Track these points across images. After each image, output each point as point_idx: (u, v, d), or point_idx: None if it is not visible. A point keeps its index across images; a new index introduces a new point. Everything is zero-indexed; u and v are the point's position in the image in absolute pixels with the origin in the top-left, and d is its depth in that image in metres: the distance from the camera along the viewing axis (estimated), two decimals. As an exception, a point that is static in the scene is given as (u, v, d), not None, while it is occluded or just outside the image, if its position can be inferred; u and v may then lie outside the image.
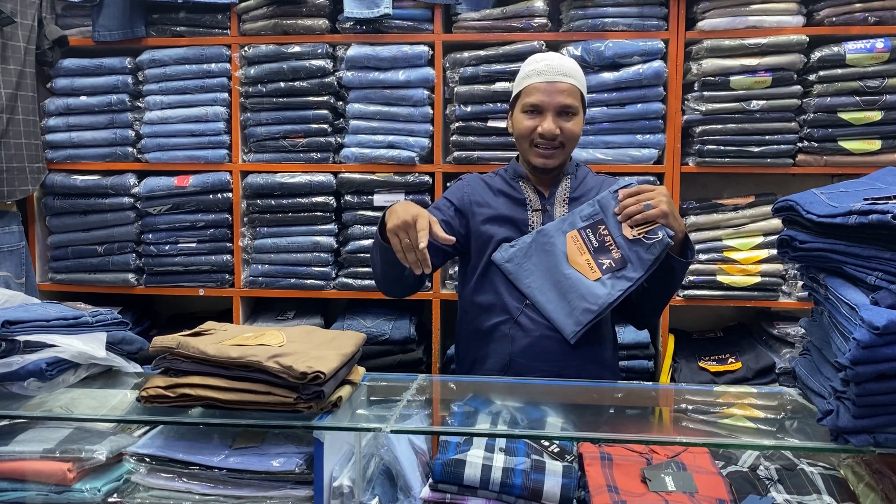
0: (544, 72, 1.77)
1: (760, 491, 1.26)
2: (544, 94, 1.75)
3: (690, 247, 1.73)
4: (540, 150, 1.78)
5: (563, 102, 1.76)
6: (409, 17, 2.63)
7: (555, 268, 1.74)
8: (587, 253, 1.72)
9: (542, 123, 1.75)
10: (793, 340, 2.50)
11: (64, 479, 1.26)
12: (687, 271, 1.83)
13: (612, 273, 1.70)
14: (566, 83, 1.76)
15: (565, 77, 1.77)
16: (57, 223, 2.80)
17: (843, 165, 2.53)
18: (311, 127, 2.68)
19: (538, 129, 1.76)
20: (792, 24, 2.51)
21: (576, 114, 1.79)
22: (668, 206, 1.65)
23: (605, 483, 1.23)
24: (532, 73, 1.79)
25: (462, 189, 1.89)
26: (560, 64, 1.79)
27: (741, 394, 1.63)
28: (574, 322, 1.72)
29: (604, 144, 2.60)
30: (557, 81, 1.76)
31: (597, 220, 1.73)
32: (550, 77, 1.76)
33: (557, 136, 1.76)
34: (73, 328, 1.45)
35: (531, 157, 1.80)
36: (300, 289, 2.71)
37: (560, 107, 1.76)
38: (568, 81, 1.77)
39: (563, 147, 1.78)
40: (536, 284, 1.75)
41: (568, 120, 1.77)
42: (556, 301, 1.74)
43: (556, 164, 1.80)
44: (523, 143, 1.81)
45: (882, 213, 1.06)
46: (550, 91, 1.75)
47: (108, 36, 2.70)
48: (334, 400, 1.24)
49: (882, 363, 1.03)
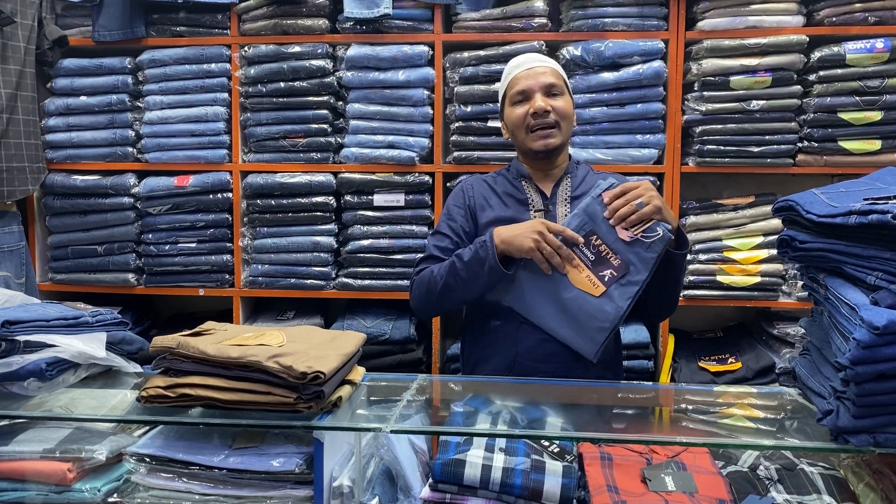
0: (523, 63, 1.87)
1: (760, 491, 1.26)
2: (528, 79, 1.83)
3: (683, 237, 1.73)
4: (537, 131, 1.80)
5: (548, 82, 1.82)
6: (409, 17, 2.63)
7: (557, 293, 1.69)
8: (586, 269, 1.68)
9: (532, 105, 1.80)
10: (793, 340, 2.50)
11: (64, 479, 1.26)
12: (685, 261, 1.83)
13: (616, 282, 1.66)
14: (545, 65, 1.86)
15: (543, 62, 1.87)
16: (57, 223, 2.80)
17: (843, 165, 2.53)
18: (311, 127, 2.68)
19: (530, 111, 1.80)
20: (792, 24, 2.51)
21: (562, 93, 1.83)
22: (660, 200, 1.65)
23: (605, 483, 1.23)
24: (512, 69, 1.88)
25: (465, 192, 1.90)
26: (535, 55, 1.92)
27: (741, 394, 1.63)
28: (591, 342, 1.69)
29: (604, 144, 2.60)
30: (537, 66, 1.85)
31: (587, 230, 1.68)
32: (529, 65, 1.85)
33: (549, 112, 1.79)
34: (73, 328, 1.45)
35: (531, 143, 1.81)
36: (300, 289, 2.71)
37: (545, 86, 1.81)
38: (546, 65, 1.86)
39: (558, 126, 1.81)
40: (545, 313, 1.71)
41: (555, 99, 1.81)
42: (568, 325, 1.70)
43: (556, 143, 1.81)
44: (520, 133, 1.83)
45: (882, 213, 1.06)
46: (533, 75, 1.83)
47: (108, 36, 2.70)
48: (334, 400, 1.24)
49: (882, 363, 1.03)
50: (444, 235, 1.86)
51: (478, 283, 1.71)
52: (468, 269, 1.70)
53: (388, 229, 2.68)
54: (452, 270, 1.72)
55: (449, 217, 1.88)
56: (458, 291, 1.73)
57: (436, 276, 1.75)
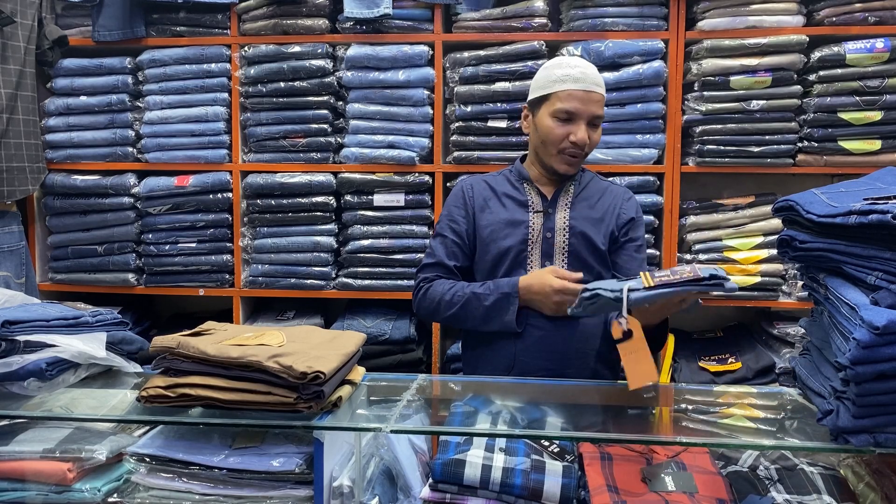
0: (580, 79, 1.75)
1: (760, 491, 1.26)
2: (580, 103, 1.74)
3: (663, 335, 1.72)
4: (567, 156, 1.78)
5: (597, 113, 1.77)
6: (409, 17, 2.63)
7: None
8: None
9: (575, 132, 1.75)
10: (793, 340, 2.50)
11: (64, 479, 1.26)
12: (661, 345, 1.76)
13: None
14: (599, 93, 1.78)
15: (598, 87, 1.78)
16: (57, 223, 2.80)
17: (843, 165, 2.53)
18: (311, 127, 2.68)
19: (570, 138, 1.76)
20: (792, 24, 2.51)
21: (600, 124, 1.82)
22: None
23: (605, 483, 1.23)
24: (567, 79, 1.75)
25: (465, 193, 1.90)
26: (594, 73, 1.79)
27: (741, 394, 1.63)
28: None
29: (604, 144, 2.60)
30: (593, 91, 1.76)
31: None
32: (587, 86, 1.75)
33: (587, 145, 1.77)
34: (73, 328, 1.45)
35: (555, 163, 1.80)
36: (300, 289, 2.71)
37: (594, 117, 1.77)
38: (600, 92, 1.78)
39: (585, 155, 1.81)
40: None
41: (595, 130, 1.79)
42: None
43: (576, 170, 1.83)
44: (550, 149, 1.79)
45: (882, 213, 1.06)
46: (587, 100, 1.75)
47: (108, 36, 2.70)
48: (334, 400, 1.24)
49: (882, 363, 1.03)
50: (446, 238, 1.87)
51: (488, 324, 1.78)
52: (485, 314, 1.75)
53: (388, 229, 2.68)
54: (468, 307, 1.77)
55: (450, 219, 1.89)
56: (467, 323, 1.81)
57: (447, 300, 1.79)
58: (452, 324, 1.86)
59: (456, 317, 1.79)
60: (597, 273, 1.80)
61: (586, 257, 1.80)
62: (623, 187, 1.94)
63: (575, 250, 1.80)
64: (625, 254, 1.84)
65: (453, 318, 1.80)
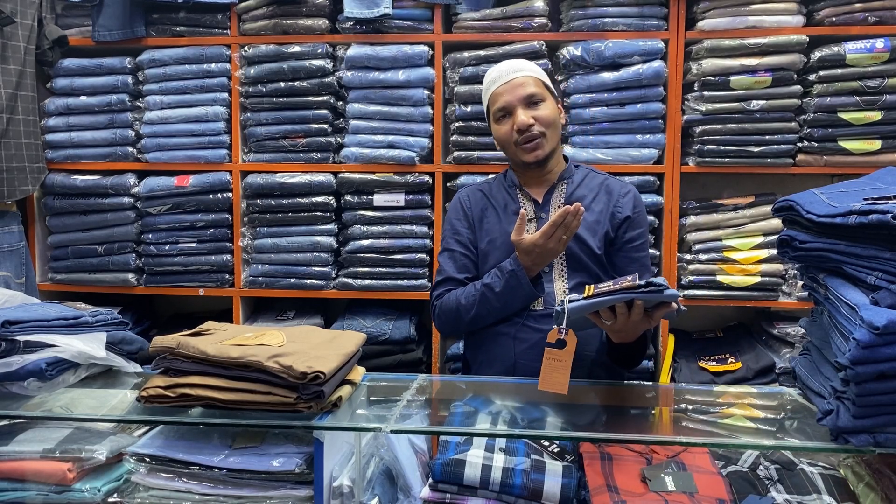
0: (500, 76, 1.83)
1: (760, 491, 1.26)
2: (507, 94, 1.81)
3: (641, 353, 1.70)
4: (524, 145, 1.80)
5: (526, 93, 1.80)
6: (409, 17, 2.63)
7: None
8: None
9: (514, 121, 1.79)
10: (793, 340, 2.50)
11: (64, 479, 1.26)
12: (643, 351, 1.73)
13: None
14: (521, 76, 1.82)
15: (520, 72, 1.83)
16: (57, 223, 2.80)
17: (843, 165, 2.53)
18: (311, 127, 2.68)
19: (514, 127, 1.79)
20: (792, 24, 2.51)
21: (543, 100, 1.81)
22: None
23: (605, 483, 1.23)
24: (491, 84, 1.85)
25: (464, 205, 1.92)
26: (516, 63, 1.86)
27: (741, 394, 1.63)
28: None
29: (604, 144, 2.60)
30: (514, 78, 1.81)
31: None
32: (508, 76, 1.82)
33: (533, 125, 1.78)
34: (73, 328, 1.45)
35: (521, 156, 1.81)
36: (300, 289, 2.71)
37: (525, 98, 1.79)
38: (524, 74, 1.82)
39: (544, 136, 1.80)
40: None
41: (537, 108, 1.80)
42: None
43: (546, 152, 1.81)
44: (509, 149, 1.84)
45: (882, 213, 1.06)
46: (512, 89, 1.80)
47: (108, 36, 2.70)
48: (334, 400, 1.24)
49: (882, 363, 1.03)
50: (454, 252, 1.88)
51: (511, 308, 1.77)
52: (501, 299, 1.75)
53: (388, 229, 2.68)
54: (484, 302, 1.76)
55: (454, 231, 1.90)
56: (489, 318, 1.79)
57: (464, 306, 1.79)
58: (479, 325, 1.82)
59: (479, 316, 1.78)
60: (596, 276, 1.80)
61: (584, 260, 1.79)
62: (622, 181, 1.90)
63: (572, 254, 1.79)
64: (623, 255, 1.83)
65: (477, 318, 1.79)
